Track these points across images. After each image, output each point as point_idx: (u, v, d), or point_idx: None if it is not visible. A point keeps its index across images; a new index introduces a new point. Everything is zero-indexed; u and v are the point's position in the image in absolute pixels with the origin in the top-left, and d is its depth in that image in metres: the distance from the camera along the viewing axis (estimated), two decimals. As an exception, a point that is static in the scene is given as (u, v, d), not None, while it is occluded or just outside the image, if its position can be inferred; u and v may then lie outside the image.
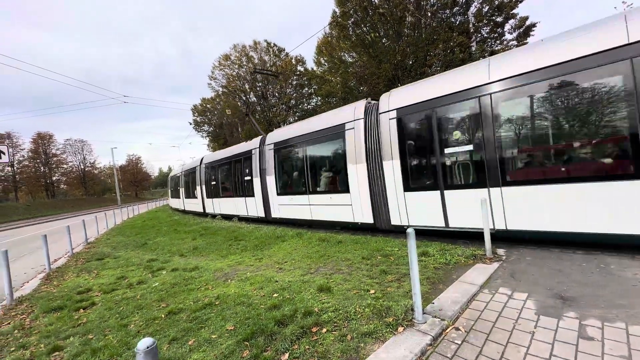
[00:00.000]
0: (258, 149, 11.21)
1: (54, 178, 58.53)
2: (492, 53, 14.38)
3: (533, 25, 15.44)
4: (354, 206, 7.72)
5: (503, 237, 5.39)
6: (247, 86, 34.08)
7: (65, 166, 60.28)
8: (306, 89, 33.07)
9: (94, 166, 66.56)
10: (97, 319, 4.12)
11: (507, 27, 15.75)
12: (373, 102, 7.85)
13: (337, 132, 8.04)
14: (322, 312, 3.36)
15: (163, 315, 3.90)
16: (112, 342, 3.34)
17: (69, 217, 32.44)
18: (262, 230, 9.31)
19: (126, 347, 3.20)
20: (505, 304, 3.24)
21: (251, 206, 11.98)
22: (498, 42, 15.84)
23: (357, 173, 7.52)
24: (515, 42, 15.26)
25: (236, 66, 34.06)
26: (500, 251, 4.98)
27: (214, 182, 15.25)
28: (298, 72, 32.75)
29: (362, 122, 7.47)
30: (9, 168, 48.94)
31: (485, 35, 16.00)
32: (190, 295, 4.53)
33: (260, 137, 11.35)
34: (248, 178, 11.85)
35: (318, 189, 8.78)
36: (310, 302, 3.67)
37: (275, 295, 4.05)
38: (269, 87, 33.45)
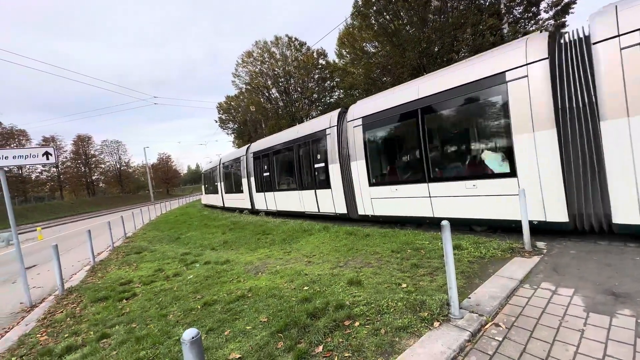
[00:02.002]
0: (336, 128, 8.90)
1: (93, 177, 62.64)
2: (526, 34, 13.50)
3: (572, 1, 14.30)
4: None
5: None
6: (269, 82, 34.39)
7: (103, 166, 64.36)
8: (328, 82, 32.85)
9: (128, 165, 70.38)
10: (139, 309, 4.36)
11: (542, 5, 14.70)
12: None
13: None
14: (354, 305, 3.34)
15: (199, 307, 4.05)
16: (154, 331, 3.52)
17: (108, 214, 34.60)
18: (289, 225, 9.42)
19: (167, 336, 3.36)
20: (549, 300, 3.05)
21: (326, 201, 9.59)
22: (532, 22, 14.83)
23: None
24: (552, 22, 14.22)
25: (258, 63, 34.42)
26: (541, 244, 4.70)
27: (266, 173, 12.79)
28: (320, 66, 32.57)
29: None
30: (55, 169, 52.90)
31: (518, 15, 15.03)
32: (224, 287, 4.67)
33: (338, 111, 9.27)
34: (321, 165, 9.61)
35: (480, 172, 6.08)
36: (341, 295, 3.66)
37: (305, 288, 4.08)
38: (292, 81, 33.55)
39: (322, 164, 9.33)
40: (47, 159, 5.73)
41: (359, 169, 7.97)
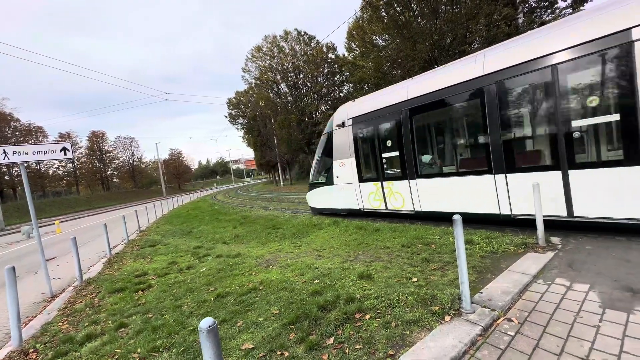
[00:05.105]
0: None
1: (107, 172, 64.12)
2: (543, 24, 13.07)
3: (591, -11, 13.73)
4: None
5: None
6: (278, 77, 34.36)
7: (116, 161, 65.78)
8: (338, 76, 32.63)
9: (141, 161, 71.71)
10: (154, 300, 4.49)
11: (559, -7, 14.20)
12: None
13: None
14: (364, 298, 3.36)
15: (212, 298, 4.14)
16: (169, 322, 3.62)
17: (122, 208, 35.43)
18: (299, 219, 9.48)
19: (182, 326, 3.45)
20: (564, 296, 3.01)
21: None
22: (549, 11, 14.35)
23: None
24: (570, 10, 13.73)
25: (268, 57, 34.40)
26: (555, 239, 4.62)
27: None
28: (329, 60, 32.34)
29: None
30: (71, 164, 54.35)
31: (533, 4, 14.56)
32: (235, 280, 4.75)
33: None
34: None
35: None
36: (351, 288, 3.69)
37: (316, 281, 4.12)
38: (301, 76, 33.44)
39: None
40: (65, 154, 5.90)
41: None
